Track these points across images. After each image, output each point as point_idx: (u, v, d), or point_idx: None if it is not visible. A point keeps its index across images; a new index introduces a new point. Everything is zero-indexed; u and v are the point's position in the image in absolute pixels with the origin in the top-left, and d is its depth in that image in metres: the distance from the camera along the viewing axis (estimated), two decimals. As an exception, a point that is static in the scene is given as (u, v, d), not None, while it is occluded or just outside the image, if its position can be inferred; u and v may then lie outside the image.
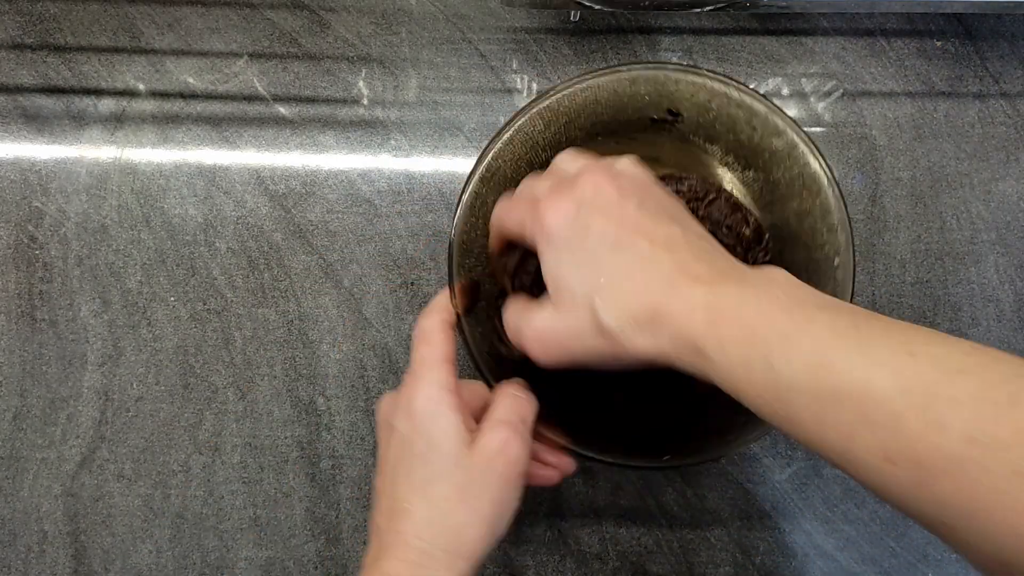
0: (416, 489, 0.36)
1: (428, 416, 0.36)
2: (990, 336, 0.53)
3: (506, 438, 0.37)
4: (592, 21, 0.55)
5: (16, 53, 0.55)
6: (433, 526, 0.35)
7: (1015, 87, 0.55)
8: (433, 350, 0.38)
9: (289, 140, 0.54)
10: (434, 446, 0.36)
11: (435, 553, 0.35)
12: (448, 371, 0.38)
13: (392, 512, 0.36)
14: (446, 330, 0.40)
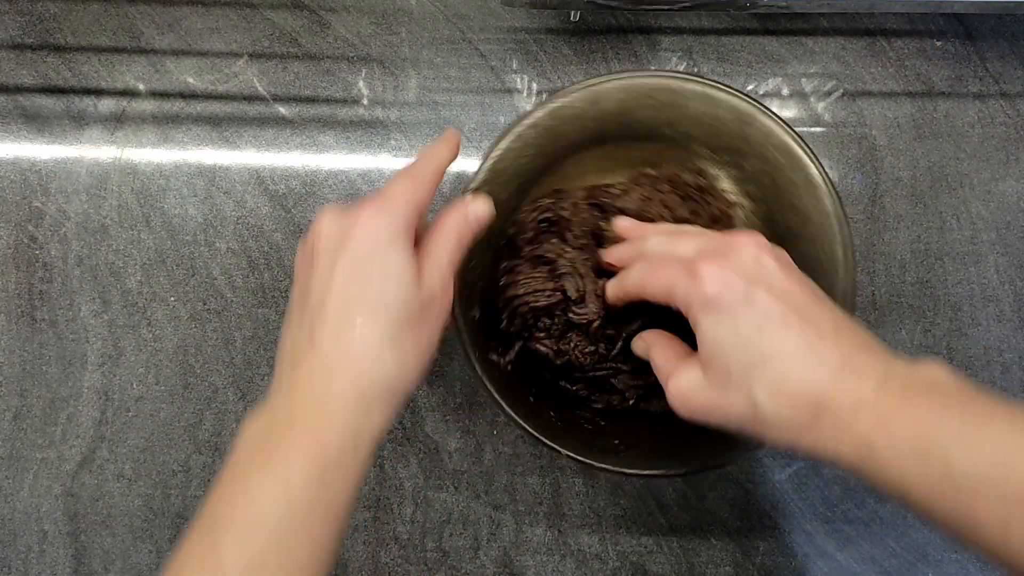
0: (370, 312, 0.34)
1: (390, 247, 0.35)
2: (990, 336, 0.53)
3: (449, 280, 0.37)
4: (592, 21, 0.55)
5: (16, 53, 0.55)
6: (383, 351, 0.34)
7: (1015, 87, 0.55)
8: (413, 190, 0.37)
9: (289, 140, 0.54)
10: (389, 277, 0.35)
11: (377, 388, 0.34)
12: (415, 214, 0.37)
13: (339, 321, 0.34)
14: (434, 176, 0.39)
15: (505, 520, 0.51)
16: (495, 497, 0.51)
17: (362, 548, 0.51)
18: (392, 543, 0.52)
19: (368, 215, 0.36)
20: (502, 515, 0.51)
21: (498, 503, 0.51)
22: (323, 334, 0.34)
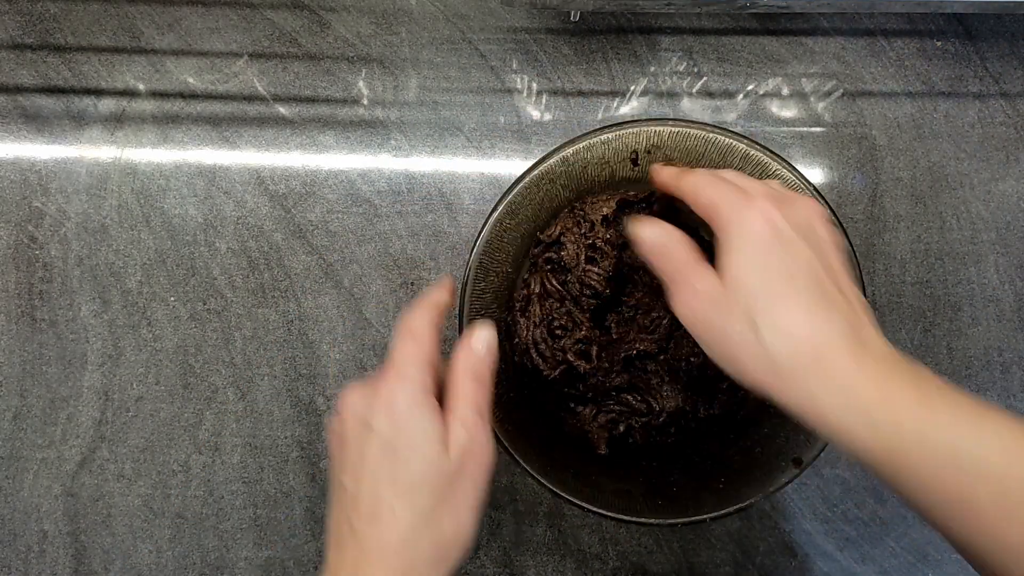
0: (401, 494, 0.35)
1: (411, 419, 0.35)
2: (990, 336, 0.53)
3: (480, 436, 0.36)
4: (592, 21, 0.55)
5: (16, 53, 0.55)
6: (418, 534, 0.34)
7: (1015, 87, 0.55)
8: (420, 349, 0.37)
9: (289, 140, 0.54)
10: (416, 450, 0.35)
11: (417, 565, 0.34)
12: (430, 373, 0.37)
13: (373, 516, 0.35)
14: (433, 330, 0.39)
15: (505, 520, 0.51)
16: (495, 497, 0.51)
17: (362, 548, 0.51)
18: (392, 543, 0.52)
19: (387, 392, 0.36)
20: (502, 515, 0.51)
21: (498, 503, 0.51)
22: (360, 523, 0.35)
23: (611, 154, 0.46)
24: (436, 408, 0.36)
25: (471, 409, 0.37)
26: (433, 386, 0.37)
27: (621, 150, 0.46)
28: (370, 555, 0.34)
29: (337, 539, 0.36)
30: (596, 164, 0.47)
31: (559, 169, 0.46)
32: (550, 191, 0.46)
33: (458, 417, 0.36)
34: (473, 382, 0.38)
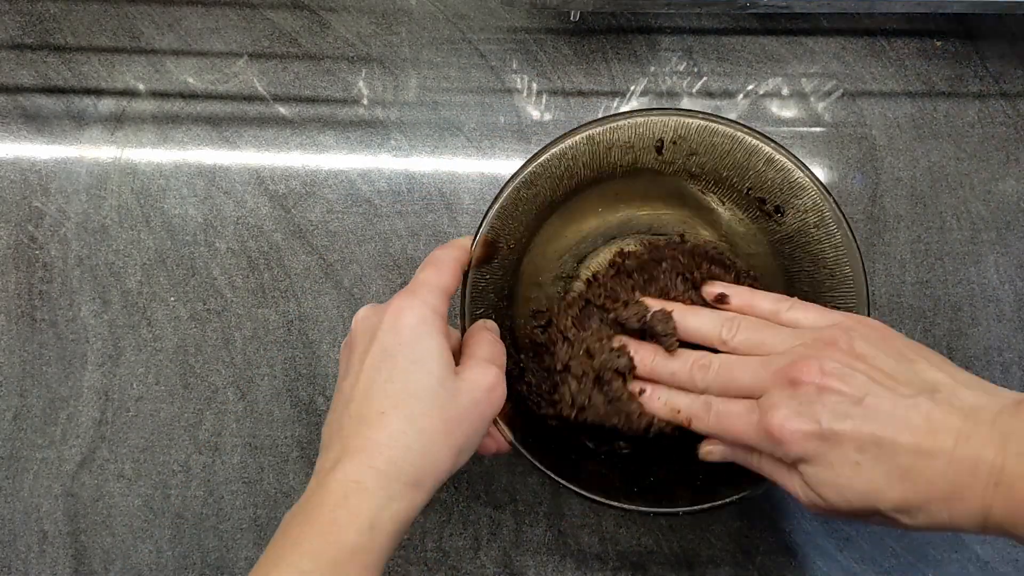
0: (394, 400, 0.34)
1: (416, 334, 0.36)
2: (990, 336, 0.53)
3: (497, 378, 0.37)
4: (592, 21, 0.55)
5: (16, 53, 0.55)
6: (406, 438, 0.34)
7: (1015, 87, 0.55)
8: (438, 276, 0.38)
9: (289, 140, 0.54)
10: (419, 363, 0.35)
11: (404, 467, 0.34)
12: (444, 300, 0.38)
13: (363, 417, 0.35)
14: (456, 265, 0.40)
15: (505, 520, 0.51)
16: (495, 497, 0.51)
17: (362, 548, 0.51)
18: (392, 543, 0.52)
19: (396, 305, 0.37)
20: (502, 515, 0.51)
21: (498, 503, 0.51)
22: (349, 423, 0.35)
23: (636, 139, 0.46)
24: (444, 331, 0.37)
25: (492, 356, 0.38)
26: (444, 312, 0.37)
27: (647, 136, 0.46)
28: (353, 454, 0.34)
29: (326, 441, 0.36)
30: (621, 147, 0.46)
31: (583, 147, 0.45)
32: (571, 168, 0.46)
33: (474, 358, 0.37)
34: (490, 339, 0.39)
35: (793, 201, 0.46)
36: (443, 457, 0.35)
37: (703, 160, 0.47)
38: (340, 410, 0.36)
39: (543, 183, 0.46)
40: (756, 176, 0.46)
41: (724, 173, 0.47)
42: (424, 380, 0.35)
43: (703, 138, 0.46)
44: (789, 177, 0.45)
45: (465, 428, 0.36)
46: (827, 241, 0.45)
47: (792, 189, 0.45)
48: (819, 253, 0.46)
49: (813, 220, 0.45)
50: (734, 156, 0.46)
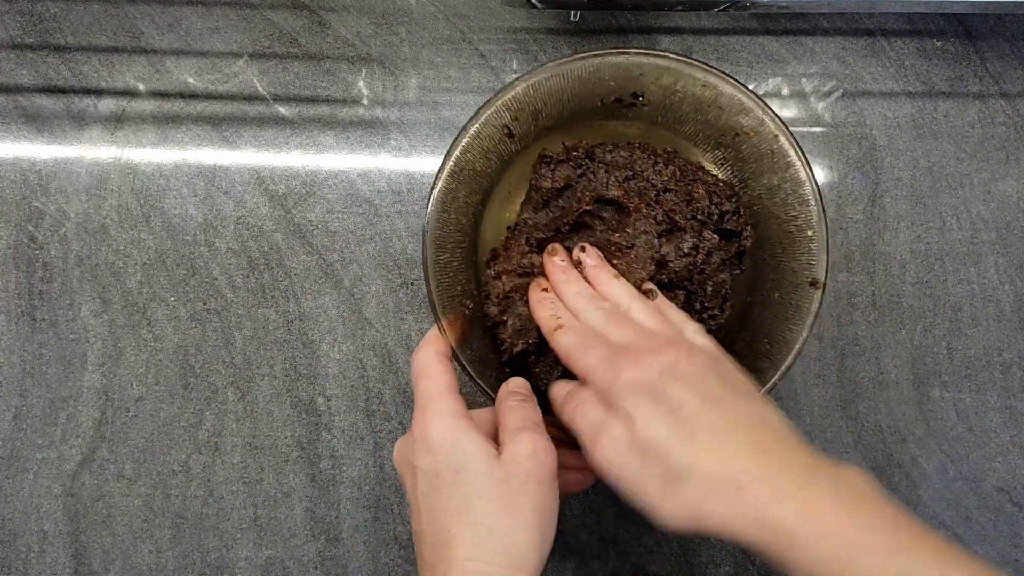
0: (456, 515, 0.35)
1: (448, 444, 0.36)
2: (990, 336, 0.53)
3: (532, 440, 0.37)
4: (592, 21, 0.55)
5: (16, 53, 0.55)
6: (481, 543, 0.34)
7: (1015, 87, 0.55)
8: (435, 382, 0.38)
9: (289, 140, 0.54)
10: (462, 469, 0.36)
11: (490, 570, 0.34)
12: (454, 399, 0.38)
13: (438, 544, 0.35)
14: (443, 361, 0.40)
15: (505, 520, 0.51)
16: (495, 497, 0.51)
17: (362, 548, 0.51)
18: (392, 543, 0.52)
19: (420, 429, 0.37)
20: (502, 515, 0.51)
21: (498, 503, 0.51)
22: (429, 555, 0.36)
23: (486, 142, 0.46)
24: (471, 427, 0.37)
25: (521, 422, 0.38)
26: (462, 409, 0.38)
27: (493, 134, 0.46)
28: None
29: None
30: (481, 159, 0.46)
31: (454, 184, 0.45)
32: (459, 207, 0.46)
33: (510, 430, 0.37)
34: (515, 403, 0.39)
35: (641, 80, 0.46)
36: (524, 542, 0.35)
37: (548, 111, 0.47)
38: (420, 548, 0.37)
39: (449, 239, 0.45)
40: (598, 87, 0.46)
41: (572, 105, 0.47)
42: (473, 482, 0.35)
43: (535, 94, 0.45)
44: (622, 67, 0.45)
45: (530, 503, 0.36)
46: (692, 85, 0.45)
47: (632, 74, 0.46)
48: (695, 99, 0.46)
49: (669, 80, 0.45)
50: (569, 89, 0.46)
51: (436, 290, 0.44)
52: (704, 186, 0.46)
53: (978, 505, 0.52)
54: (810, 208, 0.44)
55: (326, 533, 0.51)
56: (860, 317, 0.53)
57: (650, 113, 0.48)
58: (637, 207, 0.45)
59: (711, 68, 0.45)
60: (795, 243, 0.45)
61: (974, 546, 0.51)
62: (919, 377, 0.53)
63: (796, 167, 0.45)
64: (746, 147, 0.46)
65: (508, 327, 0.45)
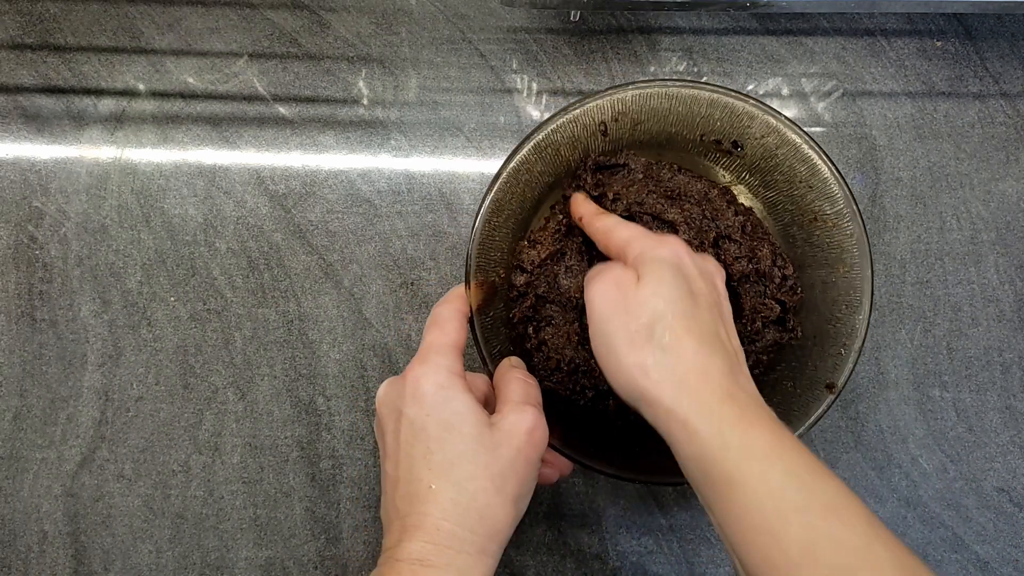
0: (437, 472, 0.35)
1: (440, 399, 0.36)
2: (990, 336, 0.53)
3: (534, 418, 0.37)
4: (592, 21, 0.55)
5: (16, 53, 0.55)
6: (460, 507, 0.34)
7: (1015, 87, 0.55)
8: (444, 336, 0.38)
9: (289, 140, 0.54)
10: (451, 428, 0.35)
11: (464, 535, 0.34)
12: (456, 357, 0.38)
13: (413, 495, 0.35)
14: (460, 319, 0.40)
15: (505, 520, 0.51)
16: (495, 497, 0.51)
17: (362, 548, 0.51)
18: (392, 543, 0.52)
19: (412, 376, 0.37)
20: (502, 515, 0.51)
21: (498, 503, 0.51)
22: (402, 504, 0.35)
23: (580, 130, 0.46)
24: (466, 388, 0.37)
25: (525, 397, 0.38)
26: (460, 369, 0.38)
27: (589, 125, 0.46)
28: (412, 531, 0.34)
29: (387, 523, 0.36)
30: (567, 144, 0.46)
31: (533, 157, 0.46)
32: (529, 181, 0.46)
33: (509, 402, 0.37)
34: (520, 377, 0.40)
35: (747, 132, 0.46)
36: (502, 515, 0.35)
37: (648, 126, 0.47)
38: (390, 492, 0.36)
39: (508, 205, 0.46)
40: (703, 122, 0.46)
41: (672, 130, 0.47)
42: (461, 444, 0.35)
43: (641, 105, 0.46)
44: (735, 112, 0.45)
45: (515, 478, 0.36)
46: (793, 156, 0.45)
47: (741, 122, 0.46)
48: (789, 170, 0.46)
49: (773, 142, 0.45)
50: (676, 112, 0.46)
51: (477, 247, 0.44)
52: (770, 248, 0.46)
53: (978, 505, 0.52)
54: (858, 316, 0.44)
55: (326, 533, 0.51)
56: (860, 317, 0.53)
57: (741, 167, 0.48)
58: (690, 241, 0.45)
59: (815, 145, 0.44)
60: (828, 343, 0.45)
61: (974, 546, 0.51)
62: (919, 377, 0.53)
63: (858, 270, 0.44)
64: (819, 234, 0.46)
65: (527, 290, 0.46)
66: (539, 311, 0.46)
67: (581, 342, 0.45)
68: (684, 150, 0.48)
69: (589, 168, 0.47)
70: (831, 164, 0.44)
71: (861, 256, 0.44)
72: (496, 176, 0.45)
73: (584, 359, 0.45)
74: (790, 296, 0.46)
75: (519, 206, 0.46)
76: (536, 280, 0.46)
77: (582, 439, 0.44)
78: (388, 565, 0.34)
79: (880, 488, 0.52)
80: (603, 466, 0.43)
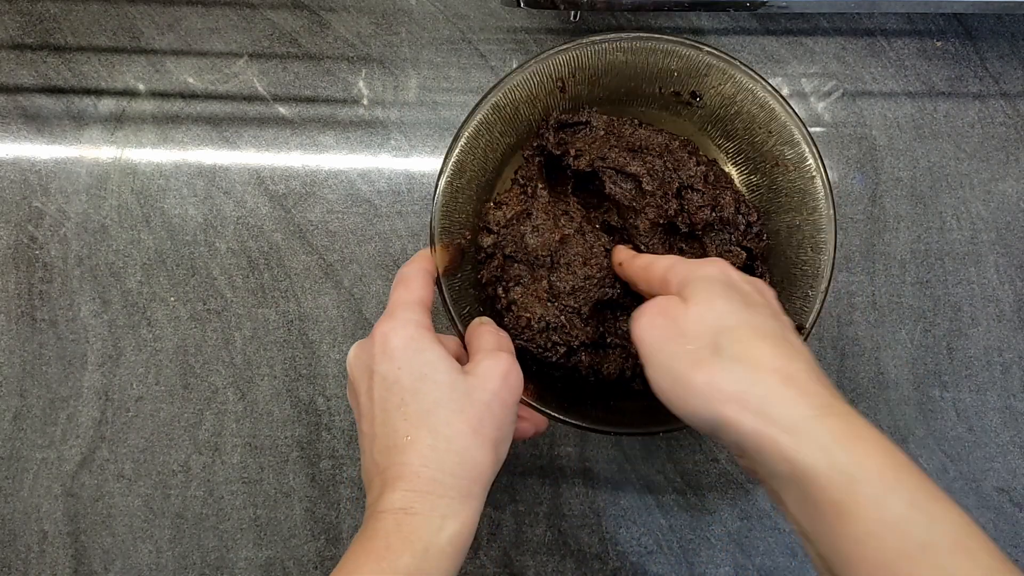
0: (414, 421, 0.34)
1: (410, 352, 0.36)
2: (990, 336, 0.53)
3: (508, 362, 0.37)
4: (592, 21, 0.55)
5: (16, 53, 0.55)
6: (438, 452, 0.34)
7: (1015, 87, 0.55)
8: (409, 293, 0.38)
9: (289, 140, 0.54)
10: (424, 378, 0.35)
11: (445, 479, 0.34)
12: (424, 312, 0.38)
13: (391, 447, 0.34)
14: (425, 276, 0.40)
15: (505, 520, 0.51)
16: (495, 497, 0.51)
17: (362, 548, 0.51)
18: (392, 543, 0.52)
19: (380, 333, 0.37)
20: (502, 515, 0.51)
21: (498, 503, 0.51)
22: (381, 457, 0.35)
23: (537, 88, 0.46)
24: (435, 340, 0.37)
25: (497, 344, 0.38)
26: (428, 323, 0.38)
27: (545, 82, 0.46)
28: (393, 481, 0.34)
29: (367, 481, 0.36)
30: (526, 103, 0.46)
31: (492, 118, 0.46)
32: (490, 142, 0.46)
33: (481, 351, 0.38)
34: (491, 330, 0.40)
35: (704, 81, 0.46)
36: (481, 458, 0.35)
37: (607, 81, 0.47)
38: (368, 450, 0.36)
39: (471, 167, 0.46)
40: (661, 73, 0.46)
41: (631, 84, 0.47)
42: (435, 392, 0.35)
43: (598, 60, 0.46)
44: (691, 62, 0.45)
45: (492, 421, 0.35)
46: (751, 102, 0.45)
47: (699, 71, 0.46)
48: (748, 117, 0.46)
49: (730, 90, 0.46)
50: (632, 65, 0.46)
51: (440, 210, 0.44)
52: (733, 196, 0.46)
53: (978, 505, 0.52)
54: (823, 257, 0.44)
55: (326, 533, 0.51)
56: (860, 317, 0.53)
57: (702, 118, 0.48)
58: (653, 192, 0.45)
59: (773, 90, 0.44)
60: (795, 286, 0.45)
61: (974, 546, 0.51)
62: (919, 377, 0.53)
63: (821, 212, 0.44)
64: (781, 179, 0.46)
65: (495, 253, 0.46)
66: (507, 271, 0.46)
67: (550, 298, 0.45)
68: (645, 104, 0.48)
69: (551, 127, 0.47)
70: (787, 106, 0.45)
71: (824, 197, 0.44)
72: (455, 137, 0.45)
73: (555, 315, 0.45)
74: (756, 243, 0.46)
75: (481, 168, 0.46)
76: (503, 240, 0.46)
77: (556, 395, 0.44)
78: (373, 519, 0.33)
79: (880, 488, 0.52)
80: (577, 419, 0.43)
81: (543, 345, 0.45)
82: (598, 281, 0.44)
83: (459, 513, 0.34)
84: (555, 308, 0.45)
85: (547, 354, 0.45)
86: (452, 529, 0.33)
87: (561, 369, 0.46)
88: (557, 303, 0.44)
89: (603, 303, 0.45)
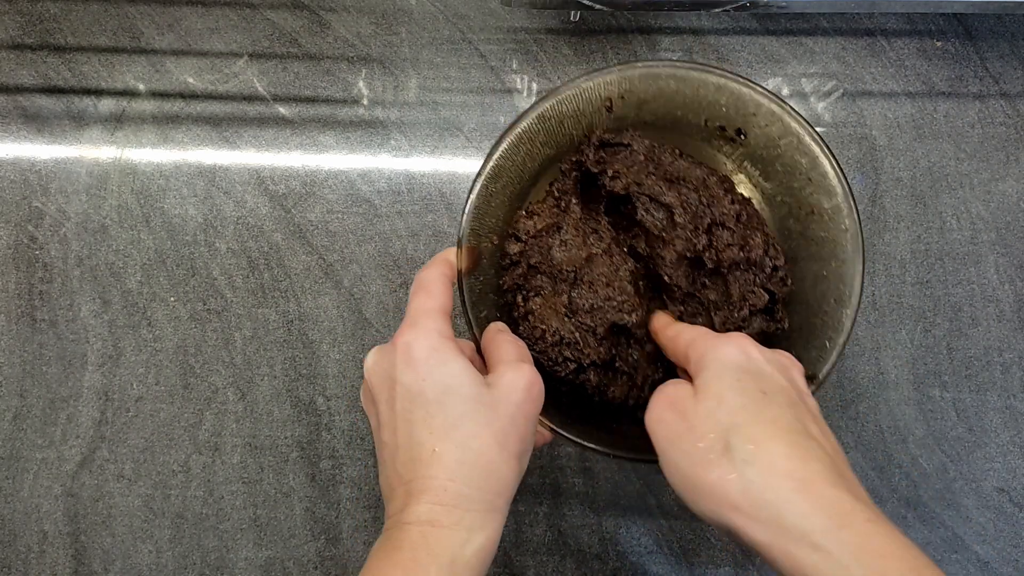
0: (440, 434, 0.34)
1: (434, 363, 0.35)
2: (990, 336, 0.53)
3: (531, 374, 0.36)
4: (592, 21, 0.55)
5: (16, 53, 0.55)
6: (465, 466, 0.34)
7: (1015, 87, 0.55)
8: (431, 300, 0.38)
9: (289, 140, 0.54)
10: (448, 390, 0.35)
11: (471, 493, 0.33)
12: (445, 321, 0.37)
13: (416, 459, 0.34)
14: (445, 283, 0.39)
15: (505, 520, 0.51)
16: (495, 497, 0.51)
17: (362, 548, 0.51)
18: (392, 543, 0.52)
19: (403, 342, 0.36)
20: (502, 515, 0.51)
21: (498, 503, 0.51)
22: (405, 469, 0.35)
23: (585, 104, 0.46)
24: (458, 350, 0.36)
25: (518, 355, 0.38)
26: (450, 332, 0.37)
27: (594, 100, 0.46)
28: (418, 494, 0.33)
29: (388, 492, 0.36)
30: (572, 117, 0.46)
31: (536, 127, 0.45)
32: (530, 151, 0.46)
33: (503, 362, 0.37)
34: (509, 339, 0.39)
35: (751, 120, 0.46)
36: (506, 471, 0.35)
37: (654, 106, 0.47)
38: (390, 461, 0.36)
39: (507, 172, 0.46)
40: (709, 107, 0.46)
41: (678, 113, 0.47)
42: (460, 405, 0.35)
43: (648, 85, 0.46)
44: (741, 99, 0.45)
45: (517, 434, 0.35)
46: (796, 148, 0.45)
47: (747, 109, 0.46)
48: (791, 162, 0.46)
49: (776, 131, 0.45)
50: (682, 94, 0.46)
51: (473, 211, 0.44)
52: (763, 238, 0.46)
53: (978, 505, 0.52)
54: (846, 310, 0.43)
55: (326, 533, 0.51)
56: (860, 317, 0.53)
57: (743, 156, 0.48)
58: (684, 225, 0.45)
59: (818, 138, 0.44)
60: (814, 335, 0.45)
61: (974, 546, 0.51)
62: (919, 377, 0.53)
63: (849, 265, 0.44)
64: (815, 228, 0.46)
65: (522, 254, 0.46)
66: (529, 281, 0.46)
67: (568, 314, 0.45)
68: (688, 134, 0.48)
69: (593, 144, 0.47)
70: (832, 157, 0.44)
71: (854, 251, 0.44)
72: (497, 142, 0.44)
73: (570, 331, 0.45)
74: (779, 287, 0.46)
75: (518, 175, 0.46)
76: (530, 250, 0.46)
77: (560, 412, 0.44)
78: (396, 529, 0.33)
79: (880, 488, 0.52)
80: (581, 438, 0.43)
81: (554, 359, 0.45)
82: (617, 304, 0.44)
83: (485, 526, 0.34)
84: (571, 324, 0.45)
85: (556, 368, 0.45)
86: (478, 542, 0.33)
87: (568, 385, 0.46)
88: (574, 319, 0.44)
89: (619, 327, 0.45)
